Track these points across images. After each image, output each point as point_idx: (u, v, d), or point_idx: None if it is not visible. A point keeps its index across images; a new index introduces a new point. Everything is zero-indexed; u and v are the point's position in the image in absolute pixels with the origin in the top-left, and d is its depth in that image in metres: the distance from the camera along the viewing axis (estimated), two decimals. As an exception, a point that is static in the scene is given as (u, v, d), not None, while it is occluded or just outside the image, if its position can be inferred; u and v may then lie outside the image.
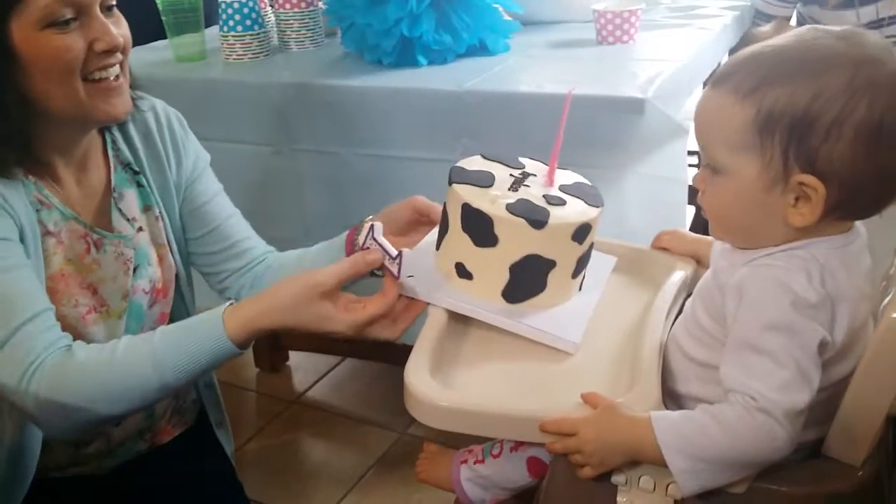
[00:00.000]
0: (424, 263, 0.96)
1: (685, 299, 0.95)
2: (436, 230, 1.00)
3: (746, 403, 0.72)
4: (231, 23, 1.59)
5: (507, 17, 1.58)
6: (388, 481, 1.63)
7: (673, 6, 1.89)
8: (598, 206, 0.93)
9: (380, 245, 0.92)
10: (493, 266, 0.90)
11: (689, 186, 1.33)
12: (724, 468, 0.73)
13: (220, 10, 1.60)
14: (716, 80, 0.77)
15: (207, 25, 1.70)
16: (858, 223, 0.79)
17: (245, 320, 0.90)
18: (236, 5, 1.58)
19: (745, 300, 0.75)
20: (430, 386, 0.82)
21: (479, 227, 0.88)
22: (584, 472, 0.78)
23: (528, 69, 1.46)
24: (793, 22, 2.04)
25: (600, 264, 1.01)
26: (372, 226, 0.94)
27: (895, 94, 0.70)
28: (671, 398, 0.85)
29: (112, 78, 0.95)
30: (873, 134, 0.70)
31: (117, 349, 0.88)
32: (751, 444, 0.72)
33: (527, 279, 0.90)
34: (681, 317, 0.89)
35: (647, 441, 0.74)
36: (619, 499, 0.78)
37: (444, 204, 0.94)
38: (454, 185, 0.92)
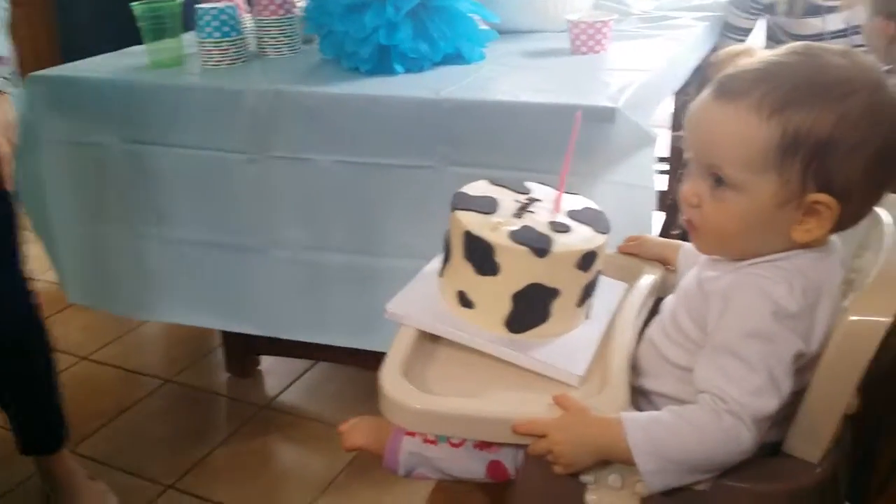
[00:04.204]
0: (427, 291, 0.95)
1: (655, 303, 0.98)
2: (439, 257, 0.97)
3: (716, 406, 0.74)
4: (208, 29, 1.59)
5: (483, 27, 1.60)
6: (360, 484, 1.64)
7: (645, 17, 1.92)
8: (605, 233, 0.90)
9: None
10: (495, 295, 0.88)
11: (659, 192, 1.35)
12: (691, 469, 0.76)
13: (196, 17, 1.60)
14: (724, 95, 0.77)
15: (184, 31, 1.69)
16: (834, 237, 0.81)
17: None
18: (214, 12, 1.58)
19: (729, 306, 0.77)
20: (404, 389, 0.83)
21: (481, 255, 0.87)
22: (556, 469, 0.80)
23: (503, 78, 1.48)
24: (762, 32, 2.06)
25: (610, 290, 0.98)
26: None
27: None
28: (642, 394, 0.87)
29: None
30: (886, 154, 0.74)
31: None
32: (718, 445, 0.74)
33: (529, 308, 0.88)
34: (657, 319, 0.91)
35: (617, 443, 0.76)
36: (587, 497, 0.80)
37: (447, 230, 0.93)
38: (456, 212, 0.90)
